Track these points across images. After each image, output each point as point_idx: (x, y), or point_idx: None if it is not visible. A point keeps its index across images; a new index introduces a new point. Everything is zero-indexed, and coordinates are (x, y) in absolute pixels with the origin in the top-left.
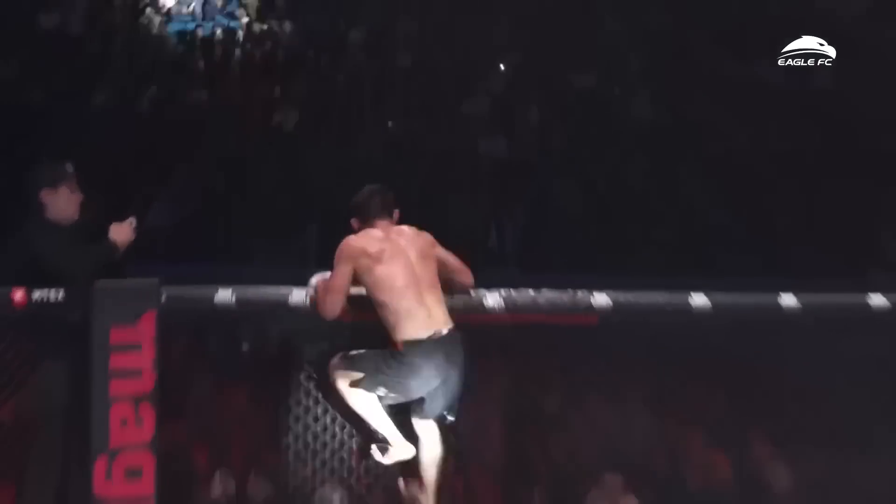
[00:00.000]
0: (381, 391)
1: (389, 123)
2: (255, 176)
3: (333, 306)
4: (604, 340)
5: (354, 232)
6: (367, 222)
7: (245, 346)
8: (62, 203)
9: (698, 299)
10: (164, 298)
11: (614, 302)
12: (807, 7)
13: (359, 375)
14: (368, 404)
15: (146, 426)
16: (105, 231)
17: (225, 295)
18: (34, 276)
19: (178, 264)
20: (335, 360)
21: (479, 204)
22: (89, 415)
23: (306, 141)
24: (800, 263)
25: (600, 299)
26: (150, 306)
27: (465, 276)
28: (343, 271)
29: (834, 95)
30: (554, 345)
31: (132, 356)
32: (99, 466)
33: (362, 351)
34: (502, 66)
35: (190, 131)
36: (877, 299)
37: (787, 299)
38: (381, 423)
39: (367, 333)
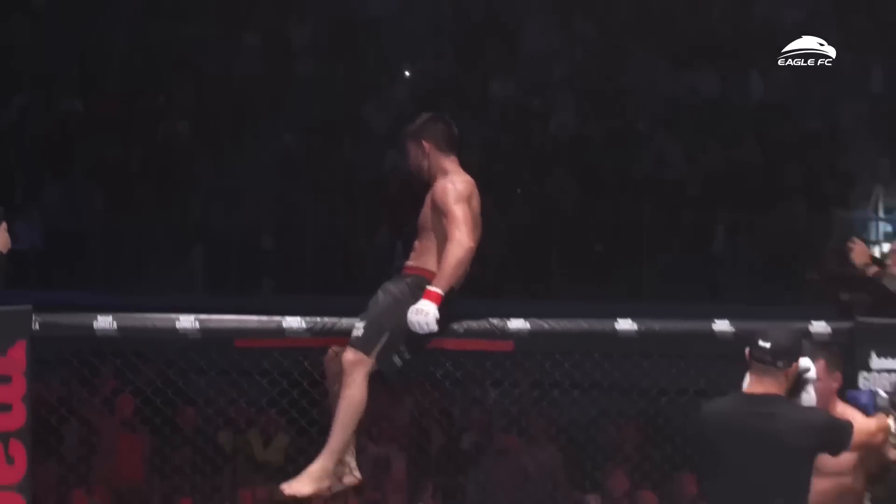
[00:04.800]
0: (402, 347)
1: (286, 136)
2: (138, 194)
3: (473, 238)
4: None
5: (415, 156)
6: (443, 153)
7: None
8: None
9: (624, 325)
10: (36, 326)
11: (532, 328)
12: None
13: (384, 339)
14: (361, 407)
15: (17, 465)
16: None
17: (105, 322)
18: None
19: (53, 292)
20: (350, 355)
21: (385, 220)
22: None
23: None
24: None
25: (517, 324)
26: (21, 335)
27: None
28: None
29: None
30: None
31: (1, 390)
32: None
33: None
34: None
35: (65, 143)
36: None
37: (722, 325)
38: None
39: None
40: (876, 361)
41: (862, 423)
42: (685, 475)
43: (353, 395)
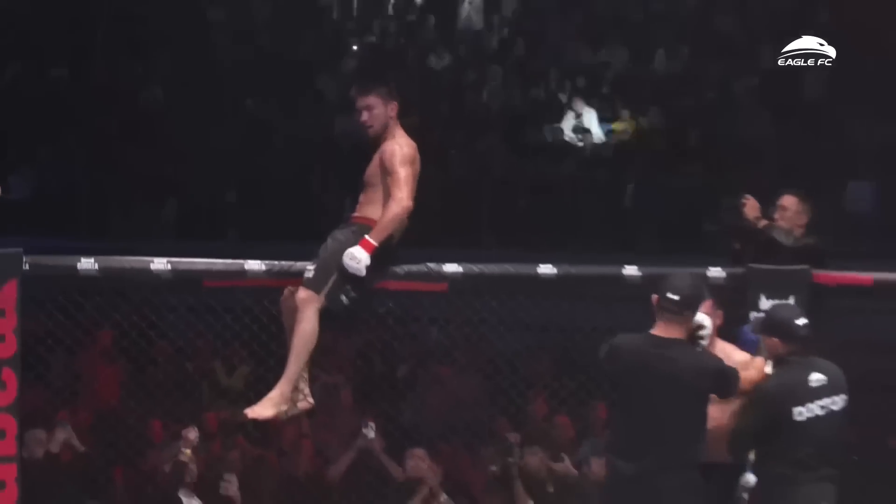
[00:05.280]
0: (348, 287)
1: (248, 102)
2: (118, 152)
3: (412, 198)
4: None
5: (381, 113)
6: (398, 118)
7: None
8: None
9: (544, 269)
10: (26, 267)
11: (464, 271)
12: None
13: (332, 280)
14: (313, 340)
15: (8, 390)
16: None
17: (88, 263)
18: None
19: (44, 239)
20: (303, 294)
21: (336, 176)
22: None
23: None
24: None
25: (451, 268)
26: (13, 275)
27: None
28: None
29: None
30: None
31: None
32: None
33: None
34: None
35: (54, 107)
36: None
37: (630, 270)
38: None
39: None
40: (764, 302)
41: (746, 375)
42: (597, 402)
43: (305, 328)
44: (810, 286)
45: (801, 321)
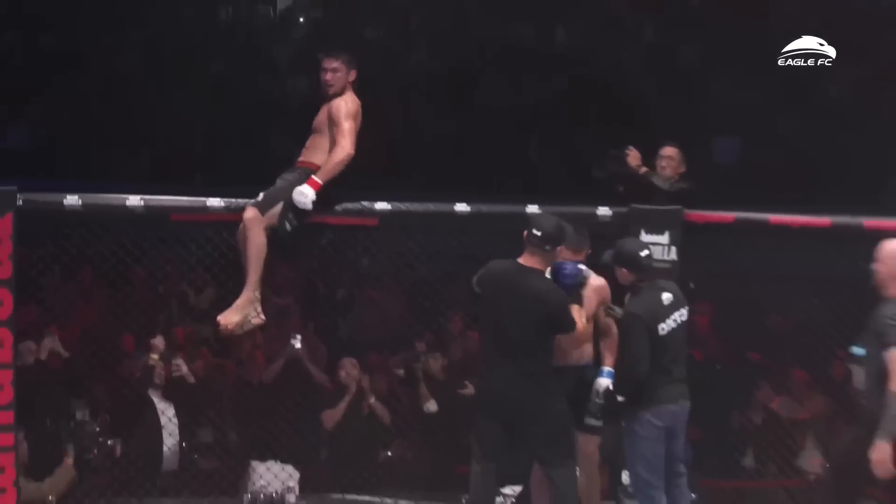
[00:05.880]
0: (290, 215)
1: (212, 66)
2: (99, 109)
3: (353, 147)
4: None
5: (343, 76)
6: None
7: None
8: None
9: (460, 207)
10: (20, 202)
11: (392, 208)
12: None
13: (278, 208)
14: (263, 250)
15: (5, 307)
16: None
17: (73, 200)
18: None
19: (37, 181)
20: (249, 213)
21: (287, 129)
22: None
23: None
24: None
25: (381, 205)
26: (9, 209)
27: None
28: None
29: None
30: None
31: None
32: None
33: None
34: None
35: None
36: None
37: (532, 208)
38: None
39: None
40: (645, 237)
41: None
42: None
43: (255, 241)
44: (682, 224)
45: (645, 252)
